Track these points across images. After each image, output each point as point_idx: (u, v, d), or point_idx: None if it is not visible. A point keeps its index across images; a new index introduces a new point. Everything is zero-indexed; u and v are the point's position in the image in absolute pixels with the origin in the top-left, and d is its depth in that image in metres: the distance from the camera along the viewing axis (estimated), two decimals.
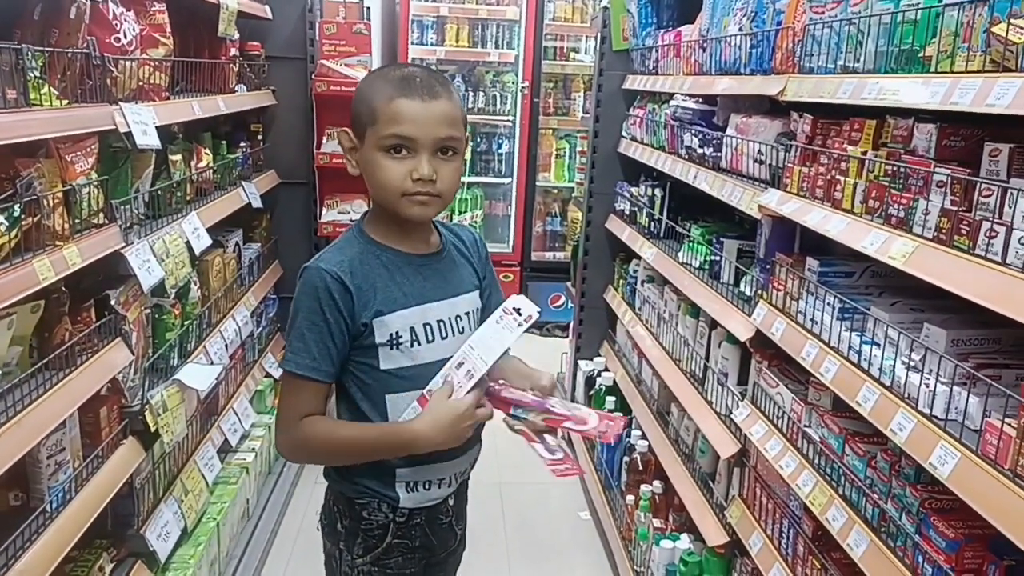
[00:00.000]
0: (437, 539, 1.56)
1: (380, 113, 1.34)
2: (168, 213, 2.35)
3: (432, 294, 1.45)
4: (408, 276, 1.44)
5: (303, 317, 1.38)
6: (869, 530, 1.51)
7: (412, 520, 1.51)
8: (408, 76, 1.36)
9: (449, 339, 1.46)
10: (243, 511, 2.91)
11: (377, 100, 1.35)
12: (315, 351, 1.37)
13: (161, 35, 2.28)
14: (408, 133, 1.33)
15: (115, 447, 1.98)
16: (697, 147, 2.62)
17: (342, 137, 1.43)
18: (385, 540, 1.50)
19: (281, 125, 3.61)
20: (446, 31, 5.61)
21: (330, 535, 1.55)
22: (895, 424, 1.40)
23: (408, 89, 1.34)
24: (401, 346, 1.41)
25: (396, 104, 1.33)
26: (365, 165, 1.40)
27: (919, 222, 1.41)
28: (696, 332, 2.62)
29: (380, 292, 1.40)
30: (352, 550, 1.51)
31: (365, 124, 1.37)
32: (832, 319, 1.69)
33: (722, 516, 2.23)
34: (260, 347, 3.38)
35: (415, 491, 1.49)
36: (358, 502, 1.49)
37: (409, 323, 1.42)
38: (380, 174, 1.37)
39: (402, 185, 1.36)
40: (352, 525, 1.50)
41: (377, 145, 1.35)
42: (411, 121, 1.33)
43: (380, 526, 1.49)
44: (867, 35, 1.61)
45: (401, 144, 1.34)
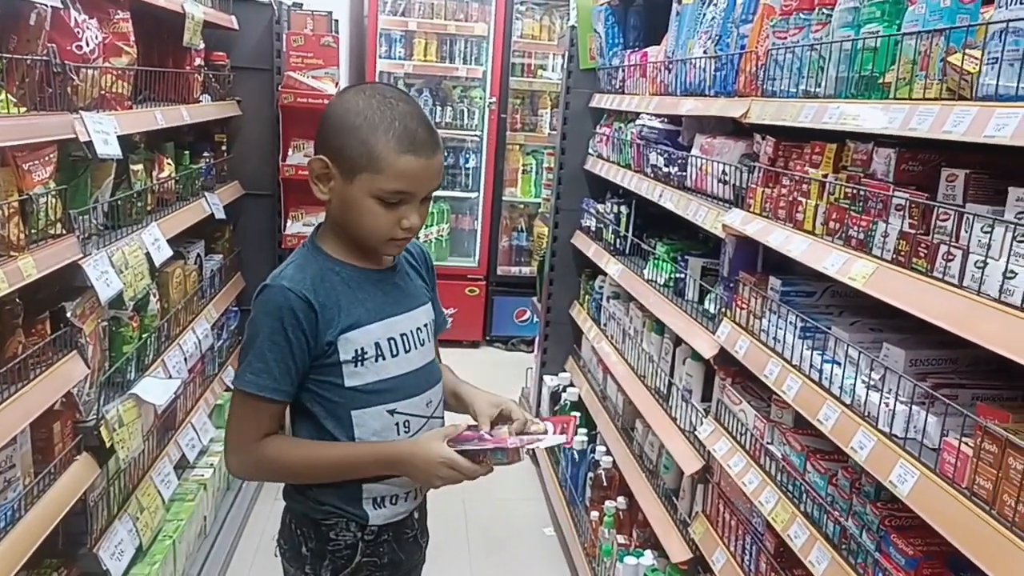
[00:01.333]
0: (405, 554, 1.54)
1: (384, 165, 1.32)
2: (128, 224, 2.31)
3: (393, 308, 1.46)
4: (369, 292, 1.44)
5: (265, 337, 1.35)
6: (830, 547, 1.53)
7: (380, 537, 1.49)
8: (412, 132, 1.33)
9: (412, 352, 1.47)
10: (200, 528, 2.85)
11: (381, 150, 1.32)
12: (276, 371, 1.35)
13: (125, 44, 2.24)
14: (409, 189, 1.35)
15: (68, 463, 1.93)
16: (663, 166, 2.66)
17: (315, 164, 1.37)
18: (354, 560, 1.47)
19: (246, 136, 3.57)
20: (414, 45, 5.61)
21: (293, 559, 1.50)
22: (856, 442, 1.43)
23: (414, 147, 1.33)
24: (366, 362, 1.40)
25: (404, 161, 1.32)
26: (347, 202, 1.37)
27: (878, 244, 1.45)
28: (661, 349, 2.64)
29: (344, 310, 1.39)
30: (319, 573, 1.47)
31: (359, 166, 1.33)
32: (794, 338, 1.72)
33: (686, 532, 2.24)
34: (220, 360, 3.32)
35: (382, 507, 1.47)
36: (324, 523, 1.46)
37: (374, 338, 1.41)
38: (367, 219, 1.36)
39: (389, 232, 1.37)
40: (318, 547, 1.47)
41: (371, 193, 1.34)
42: (414, 179, 1.34)
43: (348, 546, 1.47)
44: (828, 61, 1.65)
45: (400, 200, 1.35)
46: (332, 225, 1.45)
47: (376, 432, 1.43)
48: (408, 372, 1.46)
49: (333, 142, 1.36)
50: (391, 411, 1.44)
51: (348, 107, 1.36)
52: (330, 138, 1.36)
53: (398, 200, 1.35)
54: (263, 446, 1.39)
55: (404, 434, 1.46)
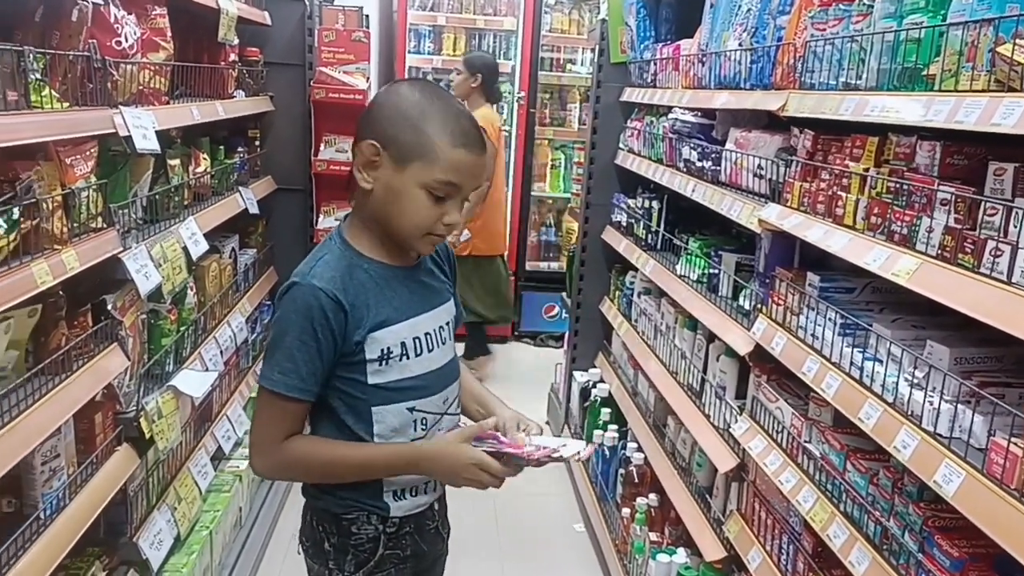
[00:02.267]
0: (427, 545, 1.55)
1: (439, 156, 1.33)
2: (166, 218, 2.34)
3: (418, 307, 1.45)
4: (396, 290, 1.43)
5: (294, 336, 1.34)
6: (871, 547, 1.51)
7: (402, 529, 1.49)
8: (465, 127, 1.36)
9: (436, 350, 1.47)
10: (236, 519, 2.88)
11: (437, 140, 1.33)
12: (304, 371, 1.35)
13: (162, 39, 2.27)
14: (459, 182, 1.36)
15: (110, 454, 1.96)
16: (696, 160, 2.63)
17: (366, 149, 1.35)
18: (377, 553, 1.47)
19: (279, 131, 3.60)
20: (443, 40, 5.62)
21: (316, 556, 1.51)
22: (898, 441, 1.40)
23: (467, 141, 1.35)
24: (391, 361, 1.40)
25: (457, 154, 1.34)
26: (393, 191, 1.36)
27: (922, 239, 1.42)
28: (694, 345, 2.62)
29: (372, 309, 1.38)
30: (343, 567, 1.48)
31: (413, 155, 1.33)
32: (833, 335, 1.69)
33: (719, 531, 2.22)
34: (254, 353, 3.36)
35: (403, 499, 1.48)
36: (345, 517, 1.46)
37: (400, 338, 1.41)
38: (412, 209, 1.36)
39: (431, 227, 1.38)
40: (341, 542, 1.47)
41: (422, 183, 1.34)
42: (464, 173, 1.36)
43: (370, 539, 1.47)
44: (869, 52, 1.62)
45: (448, 192, 1.36)
46: (365, 218, 1.43)
47: (394, 428, 1.43)
48: (430, 371, 1.46)
49: (386, 129, 1.35)
50: (411, 408, 1.44)
51: (404, 97, 1.37)
52: (383, 125, 1.36)
53: (444, 194, 1.35)
54: (287, 447, 1.39)
55: (421, 431, 1.46)
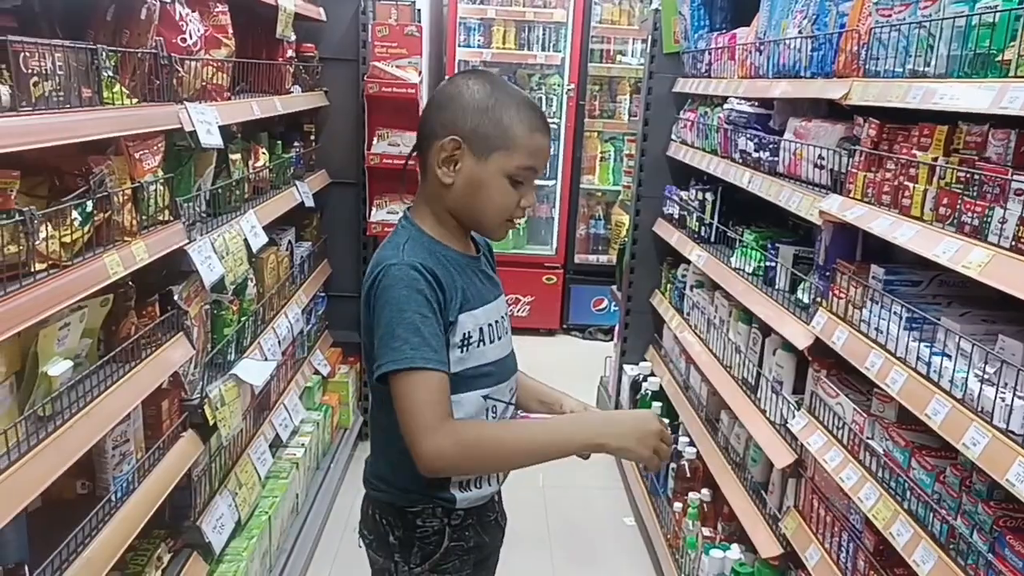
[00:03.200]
0: (488, 536, 1.56)
1: (520, 143, 1.38)
2: (227, 211, 2.40)
3: (488, 295, 1.47)
4: (469, 277, 1.44)
5: (412, 311, 1.30)
6: (937, 546, 1.47)
7: (465, 521, 1.49)
8: (536, 112, 1.41)
9: (502, 339, 1.48)
10: (293, 505, 2.95)
11: (516, 129, 1.38)
12: (434, 343, 1.30)
13: (224, 36, 2.32)
14: (537, 166, 1.42)
15: (175, 439, 2.02)
16: (752, 151, 2.59)
17: (449, 145, 1.37)
18: (442, 545, 1.48)
19: (333, 126, 3.65)
20: (493, 33, 5.63)
21: (380, 549, 1.51)
22: (968, 439, 1.36)
23: (540, 126, 1.41)
24: (470, 347, 1.41)
25: (535, 139, 1.39)
26: (477, 182, 1.38)
27: (995, 231, 1.37)
28: (748, 339, 2.58)
29: (457, 292, 1.39)
30: (409, 560, 1.47)
31: (495, 145, 1.37)
32: (899, 329, 1.65)
33: (775, 527, 2.19)
34: (310, 344, 3.43)
35: (468, 490, 1.48)
36: (410, 511, 1.46)
37: (479, 323, 1.42)
38: (496, 197, 1.40)
39: (510, 211, 1.42)
40: (406, 535, 1.47)
41: (505, 171, 1.38)
42: (541, 156, 1.42)
43: (436, 532, 1.47)
44: (938, 39, 1.57)
45: (527, 177, 1.41)
46: (439, 210, 1.44)
47: (469, 416, 1.43)
48: (502, 358, 1.48)
49: (465, 123, 1.37)
50: (485, 396, 1.44)
51: (475, 90, 1.40)
52: (461, 120, 1.38)
53: (523, 179, 1.40)
54: (461, 426, 1.32)
55: (491, 417, 1.47)
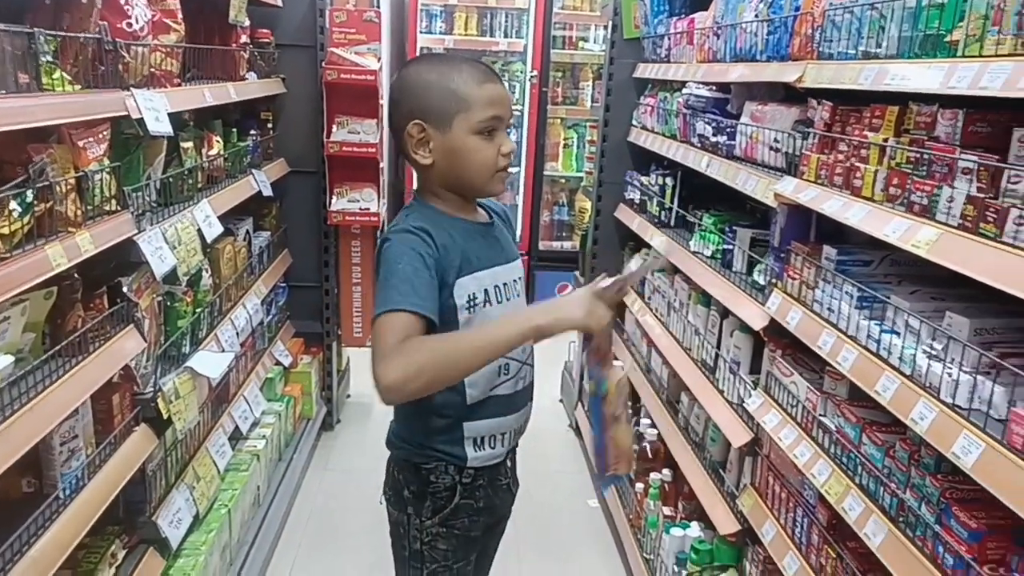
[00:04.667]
0: (499, 499, 1.65)
1: (473, 99, 1.43)
2: (179, 200, 2.34)
3: (497, 258, 1.55)
4: (477, 241, 1.52)
5: (405, 265, 1.38)
6: (887, 519, 1.50)
7: (477, 481, 1.58)
8: (478, 65, 1.47)
9: (512, 300, 1.56)
10: (254, 498, 2.92)
11: (465, 88, 1.43)
12: (423, 291, 1.37)
13: (172, 21, 2.26)
14: (500, 113, 1.46)
15: (128, 434, 1.98)
16: (710, 135, 2.60)
17: (413, 130, 1.46)
18: (453, 501, 1.56)
19: (291, 113, 3.59)
20: (455, 20, 5.58)
21: (396, 503, 1.61)
22: (916, 413, 1.39)
23: (489, 75, 1.46)
24: (476, 308, 1.48)
25: (487, 89, 1.44)
26: (452, 152, 1.45)
27: (943, 209, 1.40)
28: (707, 321, 2.60)
29: (458, 255, 1.46)
30: (421, 513, 1.57)
31: (453, 112, 1.43)
32: (850, 308, 1.67)
33: (733, 504, 2.22)
34: (270, 335, 3.38)
35: (481, 448, 1.56)
36: (424, 467, 1.55)
37: (484, 285, 1.50)
38: (475, 156, 1.45)
39: (495, 162, 1.47)
40: (419, 489, 1.57)
41: (472, 129, 1.44)
42: (500, 102, 1.46)
43: (447, 488, 1.56)
44: (890, 20, 1.59)
45: (495, 125, 1.45)
46: (433, 186, 1.52)
47: (481, 373, 1.48)
48: None
49: (419, 104, 1.45)
50: None
51: (418, 71, 1.48)
52: (414, 103, 1.46)
53: (492, 129, 1.45)
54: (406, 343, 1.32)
55: (504, 376, 1.55)
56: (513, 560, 2.97)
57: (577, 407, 3.95)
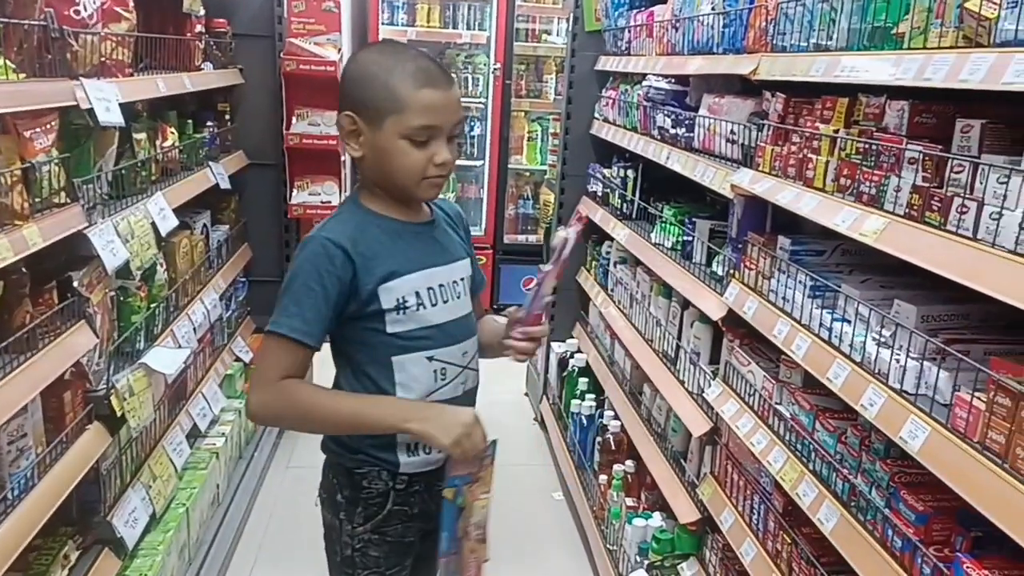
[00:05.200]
0: (436, 505, 1.58)
1: (407, 103, 1.38)
2: (133, 193, 2.30)
3: (433, 259, 1.51)
4: (409, 242, 1.49)
5: (300, 283, 1.39)
6: (839, 505, 1.53)
7: (411, 487, 1.54)
8: (425, 68, 1.41)
9: (450, 302, 1.52)
10: (213, 496, 2.88)
11: (402, 89, 1.38)
12: (309, 315, 1.39)
13: (123, 9, 2.21)
14: (435, 122, 1.40)
15: (80, 432, 1.94)
16: (670, 127, 2.62)
17: (344, 121, 1.43)
18: (385, 508, 1.53)
19: (249, 105, 3.54)
20: (417, 11, 5.53)
21: (329, 507, 1.58)
22: (865, 400, 1.42)
23: (431, 80, 1.39)
24: (407, 310, 1.45)
25: (423, 95, 1.38)
26: (379, 150, 1.42)
27: (890, 199, 1.42)
28: (668, 312, 2.63)
29: (384, 260, 1.44)
30: (352, 519, 1.54)
31: (385, 111, 1.39)
32: (803, 297, 1.70)
33: (694, 494, 2.25)
34: (230, 331, 3.33)
35: (415, 454, 1.52)
36: (357, 472, 1.52)
37: (415, 287, 1.46)
38: (402, 160, 1.41)
39: (423, 171, 1.42)
40: (352, 495, 1.53)
41: (401, 134, 1.39)
42: (436, 111, 1.40)
43: (380, 494, 1.52)
44: (840, 12, 1.62)
45: (428, 135, 1.40)
46: (368, 182, 1.50)
47: (415, 378, 1.48)
48: (447, 321, 1.51)
49: (356, 96, 1.42)
50: (430, 358, 1.49)
51: (363, 61, 1.44)
52: (352, 93, 1.42)
53: (426, 137, 1.40)
54: (283, 385, 1.39)
55: (441, 381, 1.51)
56: None
57: (542, 400, 3.96)
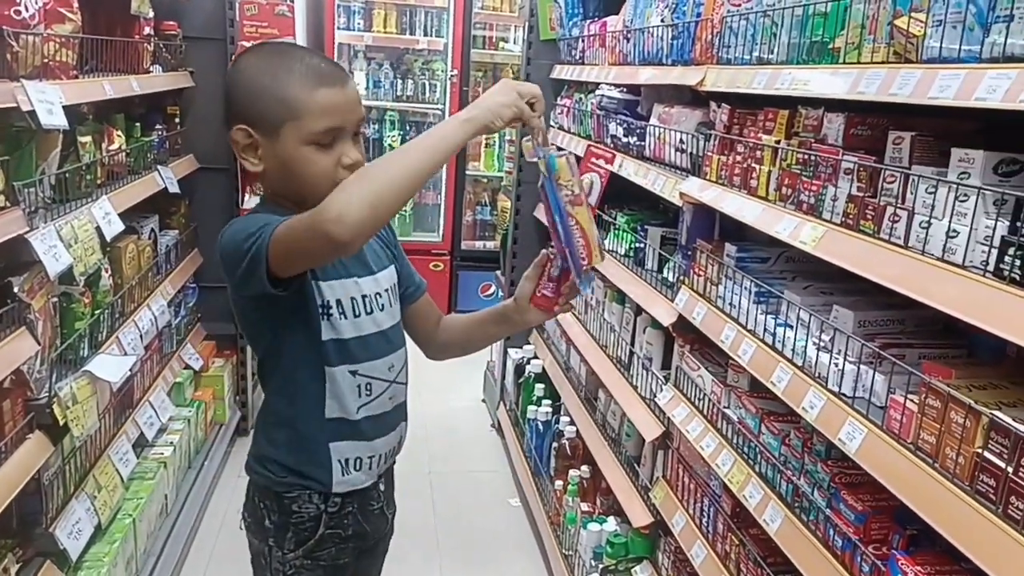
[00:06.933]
0: (370, 525, 1.54)
1: (304, 107, 1.28)
2: (77, 197, 2.24)
3: (356, 269, 1.44)
4: None
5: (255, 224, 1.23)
6: (784, 505, 1.57)
7: (344, 508, 1.48)
8: (315, 67, 1.31)
9: (375, 314, 1.45)
10: (161, 507, 2.82)
11: (296, 93, 1.29)
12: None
13: (67, 10, 2.16)
14: (338, 123, 1.31)
15: (20, 442, 1.88)
16: (622, 136, 2.66)
17: (238, 135, 1.33)
18: (317, 532, 1.46)
19: (200, 108, 3.49)
20: (374, 17, 5.52)
21: (256, 532, 1.49)
22: (806, 402, 1.46)
23: (324, 79, 1.30)
24: (331, 318, 1.39)
25: (320, 95, 1.29)
26: (282, 161, 1.32)
27: (828, 208, 1.47)
28: (622, 318, 2.66)
29: None
30: (283, 546, 1.46)
31: (280, 119, 1.29)
32: (749, 303, 1.74)
33: (647, 498, 2.28)
34: (179, 337, 3.27)
35: (348, 472, 1.46)
36: (287, 496, 1.45)
37: (337, 295, 1.40)
38: (309, 168, 1.31)
39: (333, 175, 1.31)
40: (281, 520, 1.46)
41: (303, 140, 1.30)
42: (336, 110, 1.31)
43: (311, 518, 1.45)
44: (781, 27, 1.66)
45: (331, 137, 1.31)
46: (273, 196, 1.40)
47: (341, 393, 1.42)
48: (371, 333, 1.44)
49: (247, 108, 1.32)
50: (353, 372, 1.43)
51: (247, 68, 1.34)
52: (242, 106, 1.32)
53: (331, 139, 1.31)
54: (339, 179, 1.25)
55: (366, 396, 1.45)
56: (435, 560, 2.97)
57: (499, 407, 3.97)
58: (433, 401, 4.16)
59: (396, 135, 5.66)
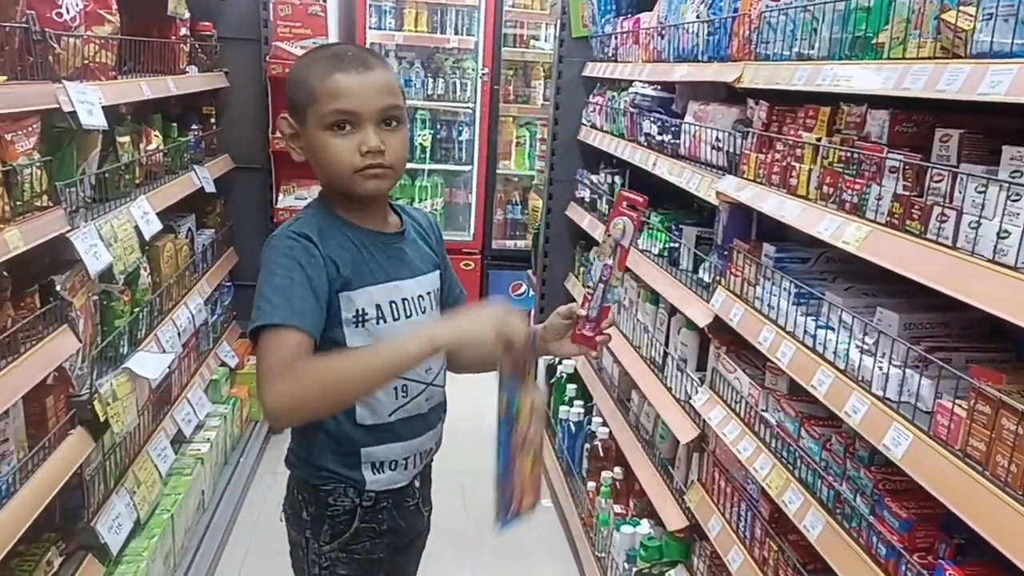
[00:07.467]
0: (405, 522, 1.55)
1: (318, 91, 1.32)
2: (116, 197, 2.28)
3: (399, 272, 1.44)
4: (375, 253, 1.42)
5: (281, 276, 1.29)
6: (825, 512, 1.53)
7: (379, 504, 1.49)
8: (340, 52, 1.36)
9: (413, 318, 1.45)
10: (198, 502, 2.86)
11: (313, 79, 1.33)
12: (298, 305, 1.28)
13: (107, 12, 2.20)
14: (349, 107, 1.32)
15: (63, 437, 1.92)
16: (656, 134, 2.63)
17: (282, 124, 1.41)
18: (352, 525, 1.48)
19: (235, 108, 3.53)
20: (405, 16, 5.53)
21: (295, 524, 1.53)
22: (849, 407, 1.42)
23: (342, 63, 1.33)
24: (367, 323, 1.39)
25: (333, 80, 1.32)
26: (310, 148, 1.38)
27: (872, 207, 1.43)
28: (656, 319, 2.63)
29: (347, 265, 1.36)
30: (319, 537, 1.49)
31: (305, 106, 1.34)
32: (788, 304, 1.71)
33: (681, 501, 2.25)
34: (215, 335, 3.31)
35: (381, 472, 1.47)
36: (323, 488, 1.47)
37: (376, 300, 1.40)
38: (327, 154, 1.34)
39: (352, 161, 1.33)
40: (318, 512, 1.48)
41: (320, 124, 1.33)
42: (350, 94, 1.32)
43: (347, 511, 1.47)
44: (822, 22, 1.63)
45: (344, 120, 1.33)
46: (323, 188, 1.46)
47: (375, 398, 1.42)
48: None
49: (288, 99, 1.40)
50: None
51: (297, 63, 1.42)
52: (287, 97, 1.40)
53: (345, 125, 1.33)
54: (294, 367, 1.24)
55: (402, 398, 1.45)
56: (468, 561, 2.97)
57: None
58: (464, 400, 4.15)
59: (427, 134, 5.67)
